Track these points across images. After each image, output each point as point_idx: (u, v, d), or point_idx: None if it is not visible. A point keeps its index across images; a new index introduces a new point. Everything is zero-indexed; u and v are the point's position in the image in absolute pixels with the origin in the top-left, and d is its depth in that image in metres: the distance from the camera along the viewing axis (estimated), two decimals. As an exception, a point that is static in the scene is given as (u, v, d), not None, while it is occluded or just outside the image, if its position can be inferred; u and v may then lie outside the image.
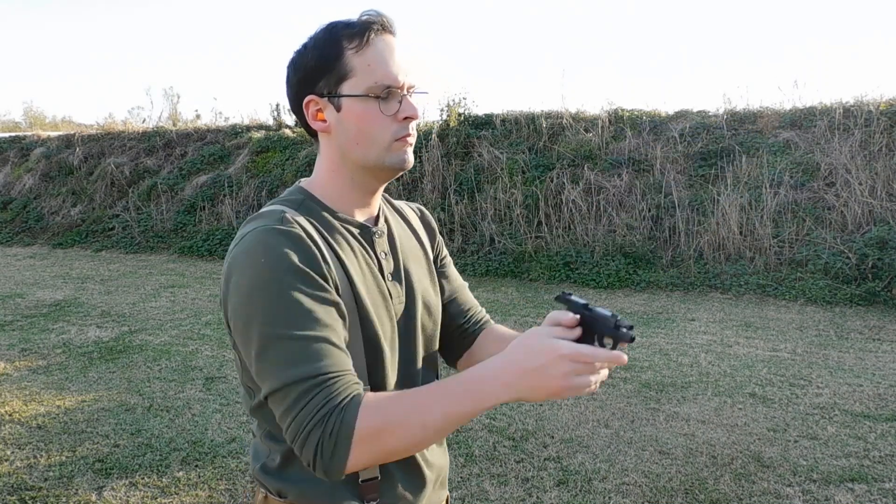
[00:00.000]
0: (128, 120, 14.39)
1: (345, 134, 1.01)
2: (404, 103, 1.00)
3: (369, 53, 0.98)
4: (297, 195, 1.05)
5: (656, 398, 3.91)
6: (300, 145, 10.76)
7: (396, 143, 1.01)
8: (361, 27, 0.99)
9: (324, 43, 1.00)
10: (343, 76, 0.99)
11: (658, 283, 6.93)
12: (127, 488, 2.94)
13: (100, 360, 4.76)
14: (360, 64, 0.98)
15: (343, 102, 1.00)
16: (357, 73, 0.98)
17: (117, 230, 10.69)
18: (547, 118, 9.34)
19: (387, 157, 1.01)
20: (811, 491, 2.84)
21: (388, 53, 1.00)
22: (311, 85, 1.01)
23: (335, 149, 1.03)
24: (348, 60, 0.99)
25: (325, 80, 1.00)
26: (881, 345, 4.93)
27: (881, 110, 7.80)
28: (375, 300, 1.03)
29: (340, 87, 1.00)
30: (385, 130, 1.00)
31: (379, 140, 1.00)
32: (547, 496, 2.83)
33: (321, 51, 1.00)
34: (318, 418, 0.86)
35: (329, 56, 0.99)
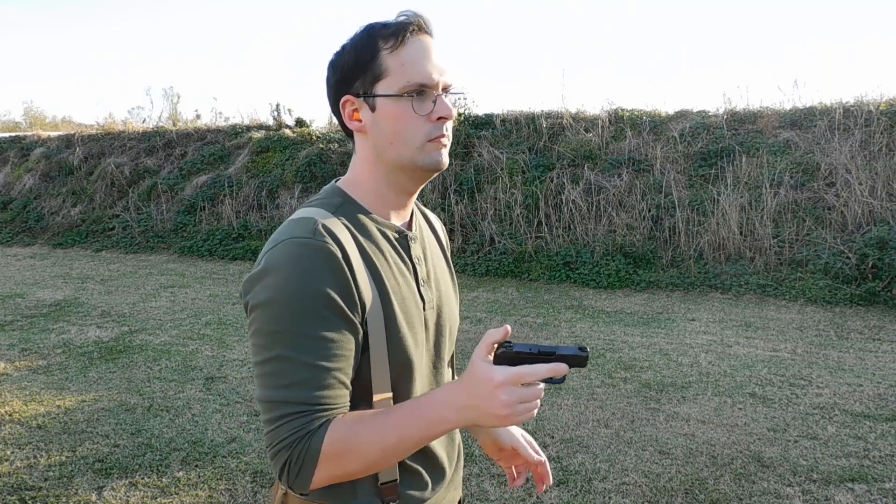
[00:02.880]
0: (128, 120, 14.41)
1: (379, 134, 1.01)
2: (438, 103, 1.00)
3: (404, 53, 0.99)
4: (335, 197, 1.05)
5: (656, 398, 3.91)
6: (300, 145, 10.76)
7: (430, 144, 1.01)
8: (397, 27, 0.99)
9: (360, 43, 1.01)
10: (378, 76, 0.99)
11: (658, 283, 6.93)
12: (127, 488, 2.94)
13: (100, 360, 4.76)
14: (395, 64, 0.99)
15: (378, 102, 1.00)
16: (391, 73, 0.99)
17: (117, 230, 10.69)
18: (547, 118, 9.34)
19: (420, 158, 1.01)
20: (811, 491, 2.84)
21: (422, 53, 1.00)
22: (348, 85, 1.02)
23: (371, 149, 1.04)
24: (383, 60, 0.99)
25: (360, 80, 1.01)
26: (881, 345, 4.93)
27: (881, 110, 7.80)
28: (409, 307, 1.03)
29: (375, 87, 1.00)
30: (418, 130, 1.00)
31: (412, 140, 1.00)
32: (547, 496, 2.83)
33: (357, 51, 1.00)
34: (289, 441, 0.90)
35: (365, 56, 1.00)
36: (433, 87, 1.00)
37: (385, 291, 0.99)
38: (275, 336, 0.91)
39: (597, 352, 4.81)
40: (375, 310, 0.97)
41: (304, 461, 0.89)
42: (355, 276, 0.94)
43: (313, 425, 0.90)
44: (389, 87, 0.99)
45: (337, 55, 1.03)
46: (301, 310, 0.90)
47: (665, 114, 9.18)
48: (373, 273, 0.99)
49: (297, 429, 0.90)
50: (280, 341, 0.91)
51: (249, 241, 9.52)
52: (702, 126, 8.62)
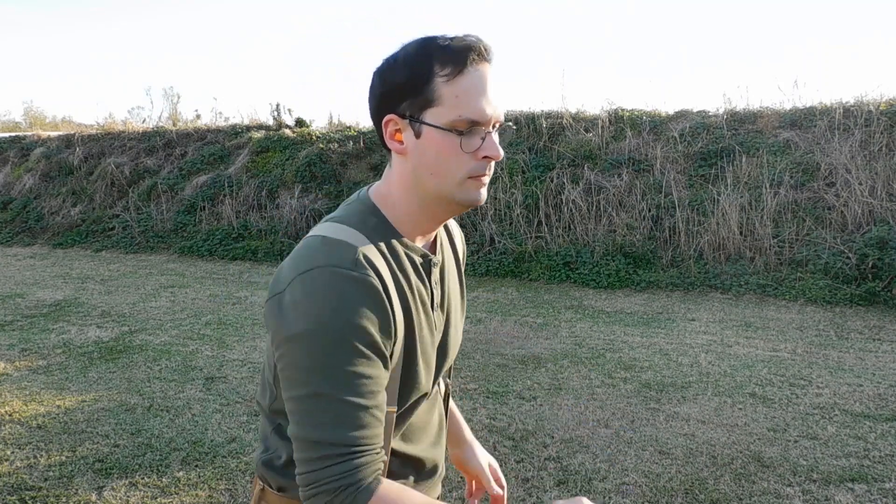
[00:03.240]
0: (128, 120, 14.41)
1: (421, 161, 0.97)
2: (487, 141, 0.95)
3: (460, 84, 0.93)
4: (370, 217, 1.00)
5: (656, 398, 3.91)
6: (300, 145, 10.76)
7: (470, 181, 0.97)
8: (457, 54, 0.93)
9: (414, 62, 0.94)
10: (428, 103, 0.94)
11: (658, 283, 6.93)
12: (127, 488, 2.94)
13: (100, 360, 4.76)
14: (449, 94, 0.93)
15: (424, 129, 0.95)
16: (443, 103, 0.93)
17: (117, 230, 10.69)
18: (547, 118, 9.34)
19: (458, 193, 0.97)
20: (811, 491, 2.84)
21: (480, 86, 0.94)
22: (394, 103, 0.96)
23: (409, 172, 0.99)
24: (437, 87, 0.93)
25: (409, 101, 0.95)
26: (881, 345, 4.93)
27: (881, 110, 7.80)
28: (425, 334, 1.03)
29: (424, 114, 0.94)
30: (461, 166, 0.95)
31: (453, 175, 0.96)
32: (547, 496, 2.83)
33: (410, 70, 0.94)
34: (331, 487, 0.88)
35: (417, 78, 0.94)
36: (484, 124, 0.95)
37: (410, 320, 0.98)
38: (311, 372, 0.88)
39: (597, 352, 4.82)
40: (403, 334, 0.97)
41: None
42: (393, 310, 0.93)
43: (357, 475, 0.89)
44: (438, 118, 0.94)
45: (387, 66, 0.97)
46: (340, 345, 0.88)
47: (665, 114, 9.18)
48: (402, 302, 0.97)
49: (340, 476, 0.88)
50: (317, 377, 0.88)
51: (249, 241, 9.52)
52: (702, 126, 8.62)
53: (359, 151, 10.26)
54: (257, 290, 7.12)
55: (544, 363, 4.56)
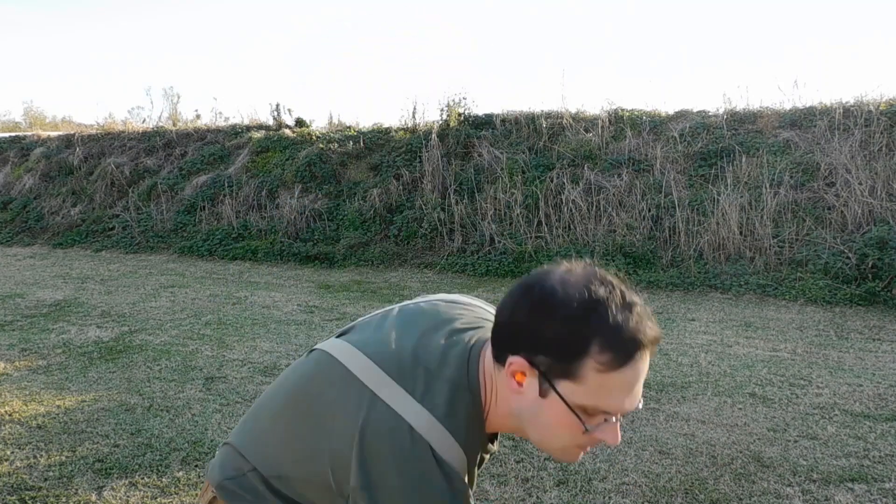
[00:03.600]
0: (128, 120, 14.42)
1: (533, 416, 0.90)
2: (610, 429, 0.89)
3: (613, 379, 0.85)
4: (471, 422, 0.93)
5: (656, 398, 3.91)
6: (300, 145, 10.77)
7: (575, 449, 0.92)
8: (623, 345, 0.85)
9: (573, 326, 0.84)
10: (569, 374, 0.85)
11: (658, 283, 6.93)
12: (127, 488, 2.94)
13: (100, 360, 4.76)
14: (595, 381, 0.84)
15: (551, 394, 0.87)
16: (585, 385, 0.85)
17: (117, 230, 10.69)
18: (547, 118, 9.34)
19: (556, 453, 0.94)
20: (811, 491, 2.84)
21: (631, 384, 0.87)
22: (531, 349, 0.87)
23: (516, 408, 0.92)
24: (585, 368, 0.84)
25: (549, 358, 0.86)
26: (881, 345, 4.93)
27: (881, 110, 7.80)
28: None
29: (559, 382, 0.86)
30: (574, 439, 0.90)
31: (560, 444, 0.91)
32: (547, 496, 2.83)
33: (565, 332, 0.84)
34: None
35: (569, 347, 0.84)
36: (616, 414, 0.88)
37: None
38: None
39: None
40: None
41: None
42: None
43: None
44: (572, 395, 0.86)
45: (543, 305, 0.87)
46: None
47: (665, 114, 9.18)
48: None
49: None
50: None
51: (249, 240, 9.52)
52: (702, 126, 8.62)
53: (359, 151, 10.26)
54: (257, 290, 7.12)
55: (544, 363, 4.56)
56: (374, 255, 8.60)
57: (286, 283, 7.66)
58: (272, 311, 6.18)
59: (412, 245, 8.63)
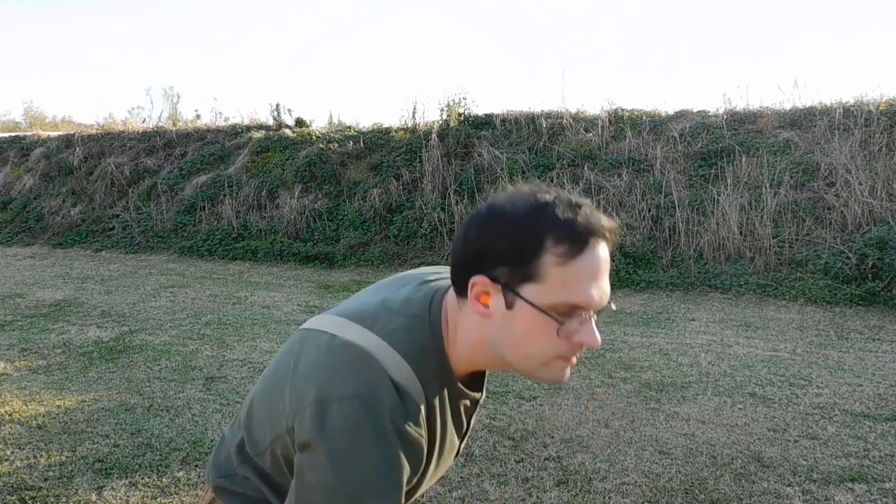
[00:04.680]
0: (128, 120, 14.42)
1: (506, 333, 0.88)
2: (586, 328, 0.87)
3: (572, 270, 0.83)
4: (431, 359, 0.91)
5: (656, 398, 3.91)
6: (300, 145, 10.77)
7: (557, 360, 0.89)
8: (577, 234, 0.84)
9: (524, 229, 0.84)
10: (531, 277, 0.84)
11: (658, 283, 6.93)
12: (127, 488, 2.94)
13: (100, 360, 4.76)
14: (557, 275, 0.83)
15: (517, 302, 0.85)
16: (548, 283, 0.84)
17: (117, 230, 10.69)
18: (547, 118, 9.34)
19: (539, 372, 0.90)
20: (811, 491, 2.84)
21: (593, 272, 0.85)
22: (488, 265, 0.86)
23: (487, 336, 0.90)
24: (545, 265, 0.83)
25: (508, 269, 0.85)
26: (881, 345, 4.93)
27: (881, 110, 7.80)
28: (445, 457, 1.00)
29: (521, 287, 0.85)
30: (552, 348, 0.87)
31: (540, 356, 0.88)
32: (547, 496, 2.83)
33: (518, 238, 0.84)
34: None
35: (524, 250, 0.84)
36: (588, 310, 0.86)
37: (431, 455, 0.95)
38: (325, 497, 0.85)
39: (596, 352, 4.82)
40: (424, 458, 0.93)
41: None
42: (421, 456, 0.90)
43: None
44: (539, 297, 0.84)
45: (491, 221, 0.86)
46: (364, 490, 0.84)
47: (665, 114, 9.19)
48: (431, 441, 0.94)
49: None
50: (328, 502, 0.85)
51: (249, 240, 9.52)
52: (702, 126, 8.62)
53: (359, 151, 10.26)
54: (257, 290, 7.12)
55: (544, 363, 4.56)
56: (374, 255, 8.60)
57: (286, 283, 7.66)
58: (272, 311, 6.18)
59: (412, 245, 8.63)
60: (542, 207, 0.85)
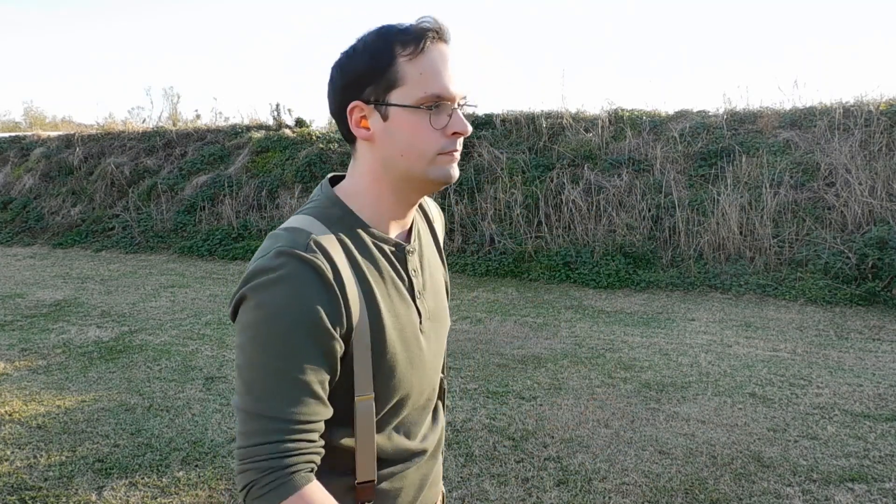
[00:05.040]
0: (128, 120, 14.41)
1: (390, 144, 0.97)
2: (454, 118, 0.97)
3: (423, 62, 0.94)
4: (333, 208, 1.01)
5: (656, 398, 3.91)
6: (300, 145, 10.76)
7: (442, 157, 0.98)
8: (416, 34, 0.95)
9: (375, 47, 0.96)
10: (393, 84, 0.95)
11: (658, 283, 6.93)
12: (127, 488, 2.94)
13: (100, 360, 4.76)
14: (413, 73, 0.94)
15: (391, 112, 0.96)
16: (408, 83, 0.94)
17: (117, 230, 10.69)
18: (547, 118, 9.34)
19: (430, 171, 0.98)
20: (811, 491, 2.84)
21: (442, 63, 0.96)
22: (358, 90, 0.97)
23: (377, 158, 0.99)
24: (400, 68, 0.94)
25: (373, 86, 0.96)
26: (881, 345, 4.93)
27: (881, 110, 7.80)
28: (403, 323, 1.02)
29: (389, 96, 0.95)
30: (432, 144, 0.96)
31: (425, 153, 0.97)
32: (547, 496, 2.83)
33: (372, 55, 0.95)
34: (260, 465, 0.89)
35: (380, 62, 0.95)
36: (450, 100, 0.96)
37: (376, 309, 0.98)
38: (259, 344, 0.91)
39: (597, 352, 4.82)
40: (363, 327, 0.96)
41: (264, 496, 0.88)
42: (345, 295, 0.93)
43: (288, 460, 0.89)
44: (405, 97, 0.95)
45: (346, 57, 0.98)
46: (288, 323, 0.89)
47: (665, 114, 9.19)
48: (365, 291, 0.97)
49: (272, 455, 0.89)
50: (263, 351, 0.90)
51: (249, 241, 9.52)
52: (702, 126, 8.62)
53: (359, 151, 10.24)
54: (257, 290, 7.12)
55: (544, 363, 4.56)
56: (374, 255, 8.59)
57: (286, 283, 7.66)
58: (272, 311, 6.18)
59: (412, 245, 8.62)
60: (385, 28, 0.97)
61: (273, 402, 0.89)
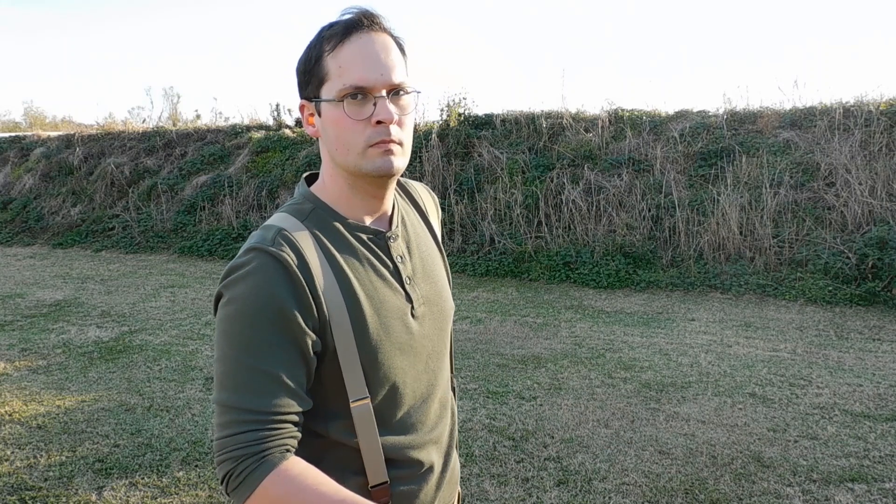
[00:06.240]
0: (128, 120, 14.40)
1: (328, 140, 1.00)
2: (378, 106, 0.95)
3: (341, 55, 0.95)
4: (306, 203, 1.03)
5: (656, 398, 3.91)
6: (300, 145, 10.76)
7: (371, 150, 0.96)
8: (338, 28, 0.96)
9: (310, 45, 0.99)
10: (322, 80, 0.97)
11: (658, 283, 6.93)
12: (127, 488, 2.94)
13: (100, 360, 4.76)
14: (334, 66, 0.95)
15: (322, 107, 0.98)
16: (332, 77, 0.96)
17: (117, 230, 10.69)
18: (547, 118, 9.34)
19: (363, 164, 0.97)
20: (811, 491, 2.84)
21: (361, 53, 0.95)
22: (302, 89, 1.01)
23: (327, 153, 1.02)
24: (325, 63, 0.96)
25: (310, 84, 0.99)
26: (881, 345, 4.93)
27: (881, 110, 7.80)
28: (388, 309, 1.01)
29: (320, 92, 0.98)
30: (358, 136, 0.96)
31: (353, 146, 0.97)
32: (547, 496, 2.83)
33: (307, 54, 0.99)
34: (236, 454, 0.90)
35: (311, 59, 0.98)
36: (371, 90, 0.95)
37: (354, 299, 0.97)
38: (229, 338, 0.92)
39: (597, 352, 4.81)
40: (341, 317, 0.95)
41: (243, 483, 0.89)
42: (314, 286, 0.94)
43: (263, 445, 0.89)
44: (329, 92, 0.96)
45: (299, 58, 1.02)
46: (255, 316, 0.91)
47: (665, 114, 9.18)
48: (341, 281, 0.97)
49: (247, 444, 0.89)
50: (233, 344, 0.92)
51: (249, 241, 9.52)
52: (702, 126, 8.62)
53: (359, 151, 10.25)
54: (257, 290, 7.12)
55: (544, 363, 4.56)
56: (374, 255, 8.58)
57: (286, 283, 7.66)
58: (272, 311, 6.18)
59: (412, 245, 8.61)
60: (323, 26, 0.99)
61: (244, 395, 0.90)
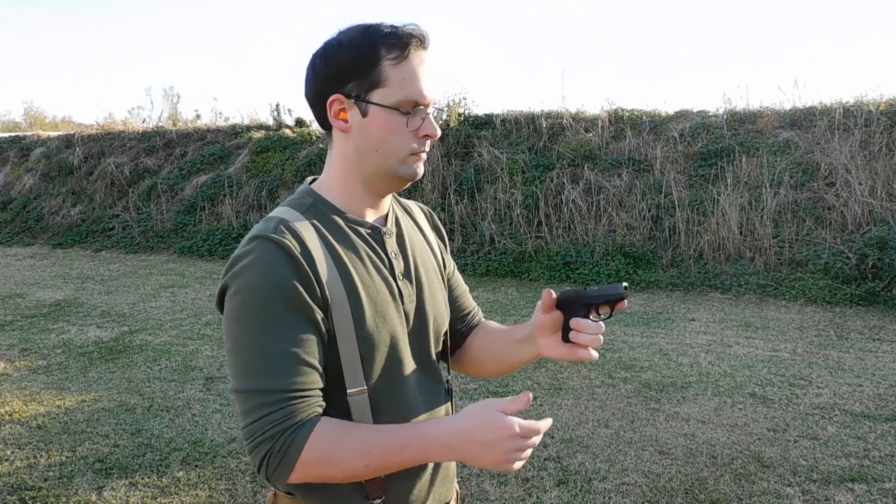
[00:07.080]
0: (128, 120, 14.41)
1: (365, 139, 1.03)
2: (427, 122, 1.04)
3: (406, 67, 1.00)
4: (306, 198, 1.07)
5: (656, 398, 3.91)
6: (300, 145, 10.76)
7: (412, 157, 1.05)
8: (402, 39, 1.00)
9: (361, 45, 1.01)
10: (375, 84, 1.00)
11: (658, 283, 6.93)
12: (127, 488, 2.94)
13: (100, 360, 4.76)
14: (395, 76, 1.00)
15: (370, 109, 1.01)
16: (390, 85, 1.00)
17: (117, 230, 10.69)
18: (547, 118, 9.34)
19: (400, 168, 1.05)
20: (811, 491, 2.84)
21: (422, 70, 1.02)
22: (340, 84, 1.02)
23: (351, 150, 1.05)
24: (384, 70, 1.00)
25: (356, 83, 1.01)
26: (881, 345, 4.93)
27: (881, 110, 7.80)
28: (383, 301, 1.04)
29: (371, 94, 1.01)
30: (405, 144, 1.03)
31: (397, 152, 1.03)
32: (547, 496, 2.83)
33: (357, 52, 1.00)
34: (270, 434, 0.91)
35: (365, 61, 1.00)
36: (426, 105, 1.03)
37: (353, 288, 1.01)
38: (242, 326, 0.94)
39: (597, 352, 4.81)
40: (341, 305, 0.98)
41: (285, 457, 0.91)
42: (316, 271, 0.97)
43: (295, 419, 0.92)
44: (385, 98, 1.00)
45: (331, 48, 1.03)
46: (265, 299, 0.93)
47: (665, 114, 9.18)
48: (341, 270, 1.00)
49: (278, 422, 0.91)
50: (247, 331, 0.93)
51: (249, 241, 9.52)
52: (702, 126, 8.62)
53: (359, 151, 10.24)
54: (257, 290, 7.12)
55: (544, 363, 4.56)
56: (374, 255, 8.58)
57: (286, 283, 7.66)
58: (272, 311, 6.18)
59: (412, 245, 8.61)
60: (370, 27, 1.02)
61: (265, 377, 0.92)
